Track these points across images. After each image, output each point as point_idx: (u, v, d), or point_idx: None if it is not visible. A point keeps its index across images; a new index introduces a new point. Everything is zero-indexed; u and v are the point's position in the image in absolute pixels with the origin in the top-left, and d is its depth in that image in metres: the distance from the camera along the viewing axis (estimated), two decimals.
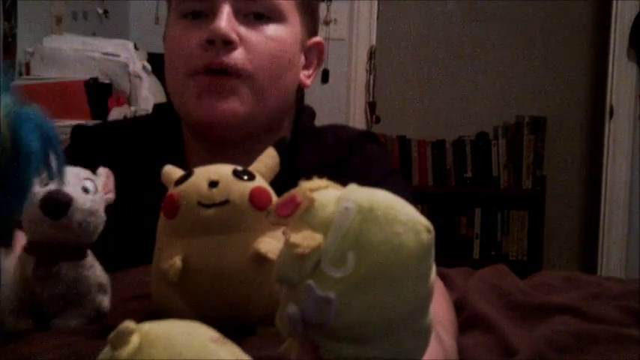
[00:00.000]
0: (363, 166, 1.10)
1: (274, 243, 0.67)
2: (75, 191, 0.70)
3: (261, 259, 0.67)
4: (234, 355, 0.43)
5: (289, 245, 0.48)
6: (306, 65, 1.13)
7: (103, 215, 0.72)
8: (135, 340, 0.42)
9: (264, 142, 1.06)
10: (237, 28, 1.03)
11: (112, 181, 0.75)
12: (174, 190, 0.70)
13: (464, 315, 0.94)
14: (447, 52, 4.35)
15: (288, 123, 1.14)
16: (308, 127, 1.16)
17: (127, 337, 0.42)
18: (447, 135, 4.20)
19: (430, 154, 4.15)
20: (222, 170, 0.71)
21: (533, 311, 0.97)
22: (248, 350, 0.45)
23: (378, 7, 3.69)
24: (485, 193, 4.15)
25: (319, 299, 0.47)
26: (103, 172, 0.74)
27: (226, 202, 0.68)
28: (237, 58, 1.03)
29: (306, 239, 0.48)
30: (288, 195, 0.51)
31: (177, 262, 0.68)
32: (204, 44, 1.03)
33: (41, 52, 2.54)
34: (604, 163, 3.65)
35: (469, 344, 0.86)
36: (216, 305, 0.69)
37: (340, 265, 0.47)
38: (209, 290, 0.69)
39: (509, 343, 0.85)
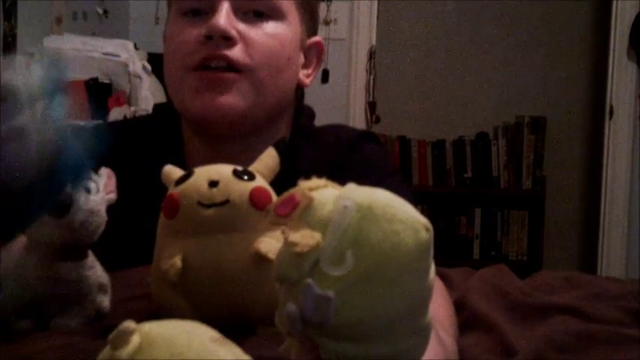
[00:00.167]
0: (362, 166, 1.10)
1: (274, 243, 0.67)
2: (76, 191, 0.70)
3: (261, 258, 0.67)
4: (234, 355, 0.43)
5: (288, 244, 0.48)
6: (306, 64, 1.13)
7: (104, 215, 0.72)
8: (135, 340, 0.42)
9: (262, 139, 1.06)
10: (237, 24, 1.03)
11: (113, 181, 0.75)
12: (174, 190, 0.70)
13: (464, 315, 0.94)
14: (447, 52, 4.35)
15: (287, 122, 1.13)
16: (307, 126, 1.16)
17: (127, 337, 0.42)
18: (447, 135, 4.20)
19: (430, 154, 4.15)
20: (223, 170, 0.71)
21: (533, 311, 0.97)
22: (248, 350, 0.45)
23: (378, 7, 3.69)
24: (485, 193, 4.14)
25: (318, 298, 0.47)
26: (104, 172, 0.74)
27: (226, 202, 0.69)
28: (237, 53, 1.03)
29: (305, 238, 0.48)
30: (287, 194, 0.51)
31: (177, 262, 0.68)
32: (202, 40, 1.03)
33: (41, 52, 2.53)
34: (604, 163, 3.64)
35: (469, 344, 0.86)
36: (217, 305, 0.69)
37: (339, 264, 0.47)
38: (209, 290, 0.69)
39: (509, 343, 0.85)
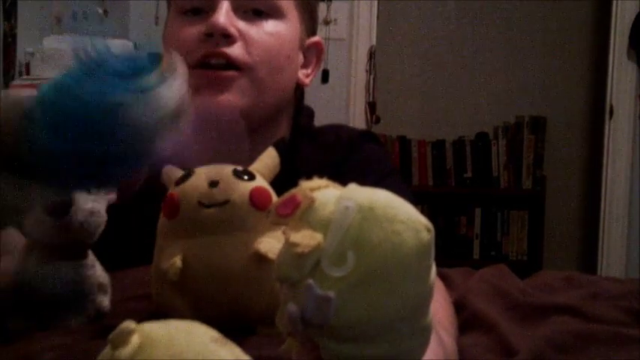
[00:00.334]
0: (362, 166, 1.10)
1: (274, 243, 0.67)
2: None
3: (262, 258, 0.67)
4: (234, 355, 0.43)
5: (289, 244, 0.48)
6: (305, 64, 1.13)
7: (104, 215, 0.72)
8: (135, 340, 0.42)
9: (262, 139, 1.06)
10: (236, 22, 1.03)
11: None
12: (174, 190, 0.70)
13: (464, 315, 0.94)
14: (447, 52, 4.35)
15: (286, 122, 1.13)
16: (307, 126, 1.16)
17: (127, 337, 0.42)
18: (447, 135, 4.20)
19: (430, 154, 4.15)
20: (223, 170, 0.71)
21: (533, 311, 0.97)
22: (248, 350, 0.45)
23: (378, 7, 3.69)
24: (486, 193, 4.14)
25: (319, 298, 0.47)
26: None
27: (226, 202, 0.68)
28: (237, 50, 1.02)
29: (306, 238, 0.48)
30: (288, 194, 0.51)
31: (177, 262, 0.68)
32: (202, 37, 1.02)
33: (41, 52, 2.54)
34: (604, 163, 3.64)
35: (469, 344, 0.85)
36: (217, 305, 0.69)
37: (340, 264, 0.47)
38: (209, 290, 0.69)
39: (509, 343, 0.85)
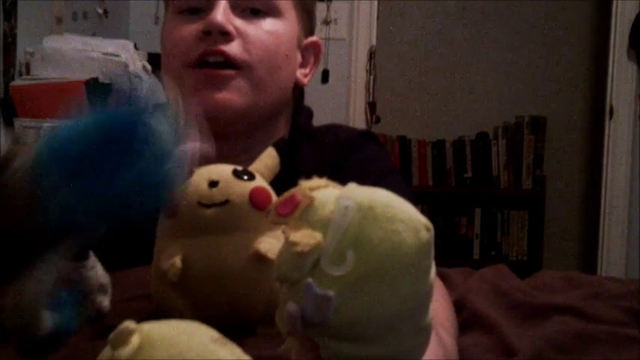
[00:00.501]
0: (362, 166, 1.10)
1: (274, 243, 0.67)
2: None
3: (261, 258, 0.67)
4: (234, 356, 0.43)
5: (289, 244, 0.48)
6: (303, 64, 1.13)
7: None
8: (135, 340, 0.42)
9: (260, 138, 1.06)
10: (234, 21, 1.03)
11: None
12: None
13: (464, 315, 0.94)
14: (447, 52, 4.35)
15: (285, 121, 1.13)
16: (306, 126, 1.16)
17: (127, 337, 0.42)
18: (447, 135, 4.20)
19: (430, 154, 4.15)
20: (222, 170, 0.71)
21: (533, 311, 0.96)
22: (248, 350, 0.45)
23: (378, 7, 3.69)
24: (486, 193, 4.14)
25: (319, 297, 0.47)
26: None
27: (226, 202, 0.68)
28: (235, 48, 1.02)
29: (306, 237, 0.48)
30: (288, 194, 0.51)
31: (177, 262, 0.68)
32: (200, 35, 1.02)
33: (41, 52, 2.54)
34: (604, 163, 3.64)
35: (469, 344, 0.85)
36: (216, 305, 0.69)
37: (340, 264, 0.47)
38: (209, 290, 0.69)
39: (509, 343, 0.85)
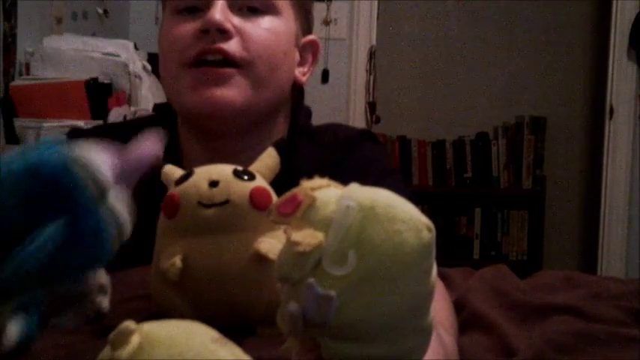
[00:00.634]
0: (361, 165, 1.10)
1: (274, 243, 0.67)
2: None
3: (261, 259, 0.67)
4: (234, 356, 0.43)
5: (290, 243, 0.48)
6: (301, 62, 1.13)
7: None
8: (135, 340, 0.42)
9: (259, 137, 1.06)
10: (232, 19, 1.03)
11: None
12: (174, 190, 0.70)
13: (464, 315, 0.94)
14: (447, 52, 4.35)
15: (283, 120, 1.13)
16: (305, 126, 1.16)
17: (127, 337, 0.42)
18: (447, 135, 4.20)
19: (430, 154, 4.15)
20: (223, 170, 0.71)
21: (533, 311, 0.97)
22: (248, 350, 0.45)
23: (378, 7, 3.69)
24: (486, 193, 4.15)
25: (320, 297, 0.47)
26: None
27: (226, 202, 0.68)
28: (234, 46, 1.02)
29: (307, 237, 0.48)
30: (289, 194, 0.51)
31: (177, 262, 0.68)
32: (198, 34, 1.02)
33: (41, 52, 2.54)
34: (604, 163, 3.65)
35: (469, 344, 0.85)
36: (216, 305, 0.69)
37: (341, 264, 0.47)
38: (209, 290, 0.69)
39: (509, 343, 0.85)
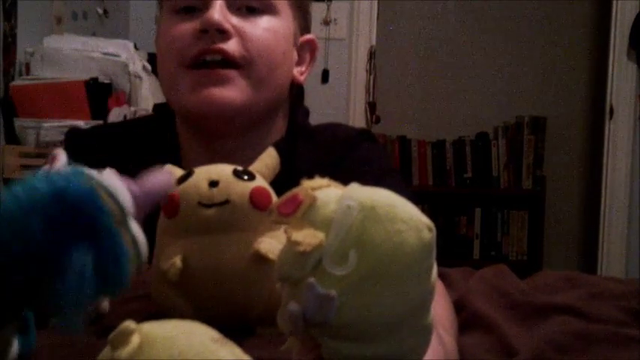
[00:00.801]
0: (360, 165, 1.10)
1: (274, 243, 0.67)
2: None
3: (262, 259, 0.67)
4: (234, 356, 0.43)
5: (291, 243, 0.48)
6: (299, 62, 1.13)
7: None
8: (135, 340, 0.42)
9: (258, 137, 1.06)
10: (231, 19, 1.02)
11: None
12: (174, 190, 0.70)
13: (464, 315, 0.94)
14: (447, 52, 4.35)
15: (282, 120, 1.13)
16: (304, 125, 1.16)
17: (127, 337, 0.42)
18: (447, 135, 4.20)
19: (430, 154, 4.16)
20: (223, 170, 0.71)
21: (533, 311, 0.96)
22: (248, 350, 0.45)
23: (378, 7, 3.69)
24: (486, 193, 4.15)
25: (321, 297, 0.47)
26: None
27: (226, 202, 0.68)
28: (233, 46, 1.02)
29: (308, 237, 0.48)
30: (290, 193, 0.51)
31: (177, 262, 0.68)
32: (197, 34, 1.01)
33: (41, 52, 2.54)
34: (604, 163, 3.64)
35: (469, 344, 0.85)
36: (216, 305, 0.69)
37: (342, 263, 0.47)
38: (209, 290, 0.69)
39: (509, 343, 0.85)
